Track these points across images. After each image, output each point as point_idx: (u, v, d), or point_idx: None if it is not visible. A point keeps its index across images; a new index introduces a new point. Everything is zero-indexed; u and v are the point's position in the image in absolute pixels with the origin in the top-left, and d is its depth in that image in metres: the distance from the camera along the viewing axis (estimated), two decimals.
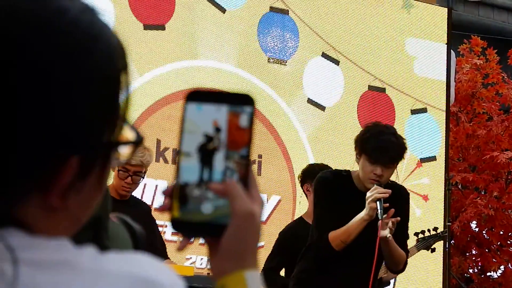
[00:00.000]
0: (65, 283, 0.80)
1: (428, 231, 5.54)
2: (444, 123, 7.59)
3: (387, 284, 5.17)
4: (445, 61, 7.68)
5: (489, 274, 9.94)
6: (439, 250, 6.19)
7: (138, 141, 0.91)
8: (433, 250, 5.70)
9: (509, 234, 9.87)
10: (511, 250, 9.84)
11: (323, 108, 7.13)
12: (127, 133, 0.89)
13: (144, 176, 4.13)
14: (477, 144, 9.83)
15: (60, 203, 0.83)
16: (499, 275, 9.95)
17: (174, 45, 6.58)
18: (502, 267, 9.87)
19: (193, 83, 6.52)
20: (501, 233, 9.82)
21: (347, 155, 6.77)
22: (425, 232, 5.52)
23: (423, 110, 7.56)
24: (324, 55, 7.22)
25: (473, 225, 9.82)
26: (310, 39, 7.16)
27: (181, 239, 0.97)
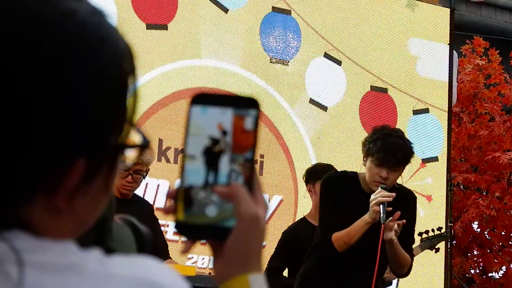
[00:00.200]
0: (71, 286, 0.80)
1: (432, 230, 5.54)
2: (446, 123, 7.58)
3: (389, 284, 5.17)
4: (447, 61, 7.67)
5: (490, 274, 9.94)
6: (441, 250, 6.18)
7: (144, 144, 0.91)
8: (437, 250, 5.70)
9: (511, 234, 9.86)
10: None
11: (325, 108, 7.13)
12: (134, 136, 0.90)
13: (145, 175, 4.09)
14: (479, 144, 9.83)
15: (66, 205, 0.83)
16: (500, 275, 9.95)
17: (176, 44, 6.58)
18: (503, 267, 9.87)
19: (195, 82, 6.52)
20: (503, 233, 9.81)
21: (349, 156, 6.78)
22: (429, 232, 5.52)
23: (425, 110, 7.55)
24: (326, 55, 7.21)
25: (475, 225, 9.82)
26: (312, 39, 7.16)
27: (185, 241, 0.97)
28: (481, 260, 9.81)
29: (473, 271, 9.87)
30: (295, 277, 4.13)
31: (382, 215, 3.64)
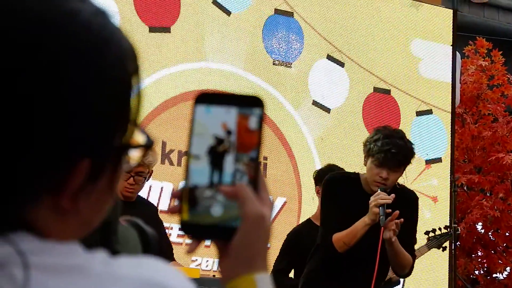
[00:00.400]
0: None
1: (439, 229, 5.54)
2: (449, 124, 7.58)
3: (397, 283, 5.16)
4: (450, 62, 7.67)
5: (495, 275, 9.93)
6: (445, 251, 6.17)
7: (149, 145, 0.91)
8: (444, 248, 5.70)
9: None
10: None
11: (328, 110, 7.12)
12: (138, 137, 0.89)
13: (147, 177, 4.06)
14: (483, 145, 9.82)
15: (71, 206, 0.82)
16: (505, 276, 9.94)
17: (179, 47, 6.58)
18: (508, 268, 9.86)
19: (197, 85, 6.53)
20: (507, 234, 9.80)
21: (352, 157, 6.77)
22: (435, 230, 5.51)
23: (429, 111, 7.55)
24: (329, 57, 7.21)
25: (479, 226, 9.81)
26: (315, 41, 7.16)
27: (190, 242, 0.97)
28: (485, 261, 9.80)
29: (477, 272, 9.86)
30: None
31: (381, 216, 3.63)
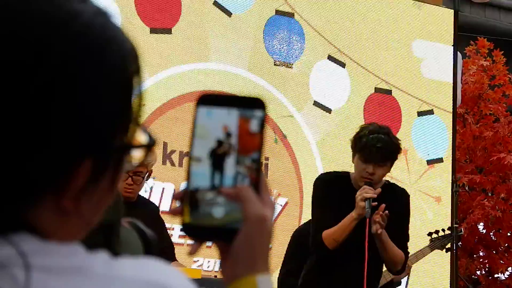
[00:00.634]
0: None
1: (442, 230, 5.54)
2: (451, 124, 7.58)
3: (398, 284, 5.16)
4: (452, 62, 7.67)
5: (496, 276, 9.92)
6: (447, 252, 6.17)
7: (150, 144, 0.90)
8: (447, 249, 5.70)
9: None
10: None
11: (329, 110, 7.12)
12: (140, 136, 0.89)
13: (146, 176, 4.03)
14: (484, 145, 9.82)
15: (73, 207, 0.82)
16: (506, 276, 9.93)
17: (180, 48, 6.59)
18: (509, 268, 9.85)
19: (199, 86, 6.52)
20: (509, 234, 9.80)
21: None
22: (439, 232, 5.51)
23: (430, 112, 7.54)
24: (330, 57, 7.21)
25: (481, 227, 9.81)
26: (316, 41, 7.16)
27: (191, 243, 0.97)
28: (487, 261, 9.80)
29: (479, 272, 9.86)
30: None
31: (367, 209, 3.70)
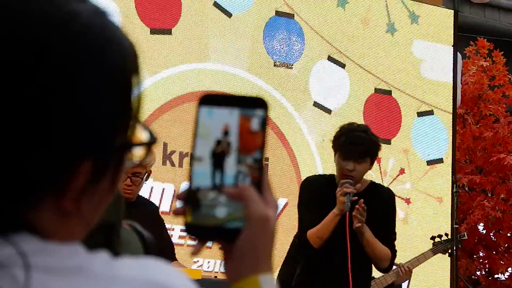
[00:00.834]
0: None
1: (445, 235, 5.53)
2: (450, 125, 7.58)
3: (399, 287, 5.16)
4: (452, 63, 7.67)
5: (496, 276, 9.92)
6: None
7: (151, 142, 0.90)
8: (450, 254, 5.70)
9: None
10: None
11: (329, 111, 7.12)
12: (140, 134, 0.89)
13: (144, 177, 4.02)
14: (484, 146, 9.82)
15: (73, 207, 0.82)
16: (506, 277, 9.94)
17: (180, 49, 6.59)
18: (509, 269, 9.86)
19: (199, 87, 6.53)
20: (509, 235, 9.80)
21: None
22: (442, 236, 5.51)
23: (430, 112, 7.54)
24: (330, 58, 7.21)
25: (481, 227, 9.81)
26: (315, 42, 7.16)
27: (194, 243, 0.97)
28: (487, 261, 9.80)
29: (479, 273, 9.86)
30: None
31: (347, 203, 3.79)
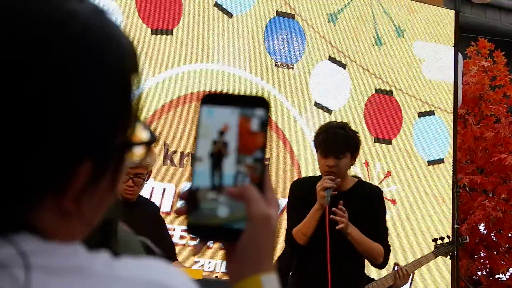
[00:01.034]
0: None
1: (447, 237, 5.53)
2: (451, 125, 7.58)
3: None
4: (453, 63, 7.67)
5: (497, 276, 9.92)
6: None
7: (151, 141, 0.90)
8: (451, 256, 5.69)
9: None
10: None
11: (330, 111, 7.12)
12: (140, 133, 0.89)
13: (146, 177, 4.05)
14: (485, 146, 9.82)
15: (74, 208, 0.82)
16: (507, 277, 9.93)
17: (181, 49, 6.59)
18: (510, 269, 9.85)
19: (200, 87, 6.53)
20: (510, 235, 9.80)
21: None
22: (443, 238, 5.50)
23: (431, 112, 7.54)
24: (330, 58, 7.21)
25: (481, 227, 9.81)
26: (316, 42, 7.16)
27: (195, 243, 0.96)
28: (488, 262, 9.80)
29: (480, 273, 9.86)
30: None
31: (326, 197, 3.88)
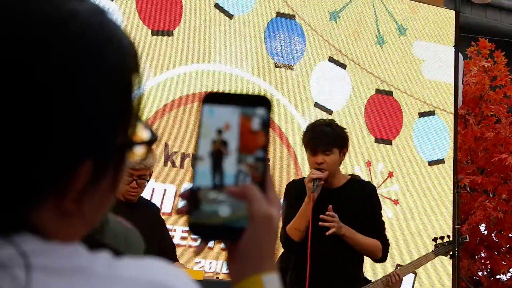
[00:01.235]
0: None
1: (447, 237, 5.52)
2: (452, 125, 7.58)
3: None
4: (453, 63, 7.67)
5: (498, 276, 9.92)
6: None
7: (152, 140, 0.90)
8: (451, 256, 5.69)
9: None
10: None
11: (330, 112, 7.12)
12: (141, 133, 0.89)
13: (149, 178, 4.08)
14: (486, 146, 9.81)
15: (74, 208, 0.82)
16: (508, 278, 9.93)
17: (181, 50, 6.59)
18: (511, 270, 9.84)
19: (200, 88, 6.53)
20: (510, 235, 9.79)
21: (353, 158, 6.76)
22: (444, 238, 5.50)
23: (431, 113, 7.54)
24: (331, 59, 7.21)
25: (482, 227, 9.80)
26: (316, 43, 7.16)
27: (197, 243, 0.96)
28: (488, 262, 9.79)
29: (480, 274, 9.85)
30: None
31: (313, 186, 3.98)
